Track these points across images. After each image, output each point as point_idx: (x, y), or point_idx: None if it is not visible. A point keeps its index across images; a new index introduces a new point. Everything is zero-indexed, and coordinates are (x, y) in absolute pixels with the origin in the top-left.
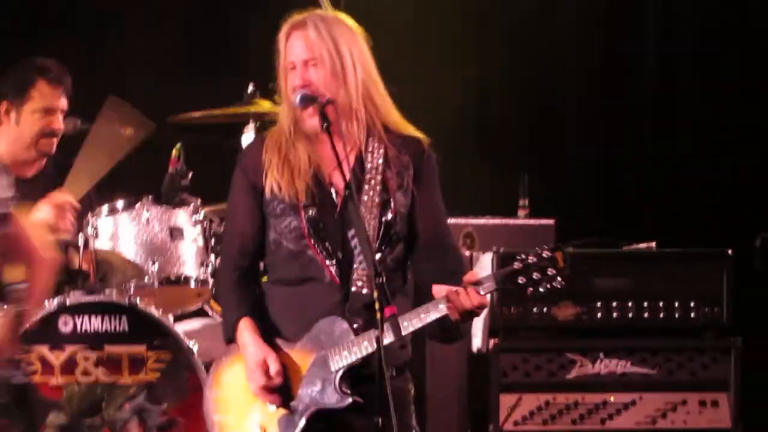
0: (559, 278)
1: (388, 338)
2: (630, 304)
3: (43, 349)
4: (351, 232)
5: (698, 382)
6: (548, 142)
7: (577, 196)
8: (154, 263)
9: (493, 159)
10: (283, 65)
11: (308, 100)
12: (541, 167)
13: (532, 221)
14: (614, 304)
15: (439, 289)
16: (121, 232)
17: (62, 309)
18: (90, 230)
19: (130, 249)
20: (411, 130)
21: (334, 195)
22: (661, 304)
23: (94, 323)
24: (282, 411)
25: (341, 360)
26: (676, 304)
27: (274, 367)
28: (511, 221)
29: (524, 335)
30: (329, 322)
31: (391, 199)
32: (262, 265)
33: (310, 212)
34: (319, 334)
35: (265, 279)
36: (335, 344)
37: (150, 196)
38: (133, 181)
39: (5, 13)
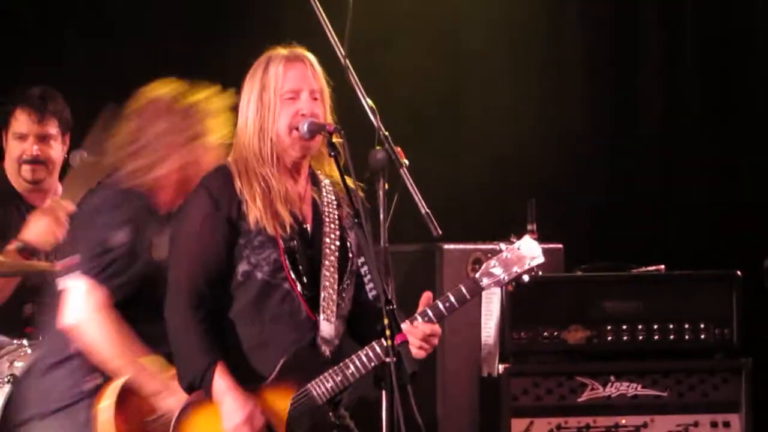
0: (536, 268)
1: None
2: (640, 326)
3: None
4: (325, 265)
5: (709, 404)
6: (556, 167)
7: (585, 220)
8: None
9: (501, 184)
10: (275, 93)
11: (317, 129)
12: (548, 192)
13: (540, 246)
14: (624, 326)
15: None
16: None
17: None
18: None
19: None
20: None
21: (307, 229)
22: (671, 326)
23: None
24: None
25: (328, 390)
26: (686, 326)
27: (259, 420)
28: None
29: (535, 359)
30: (303, 355)
31: (348, 237)
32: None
33: (291, 245)
34: (292, 370)
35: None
36: (315, 376)
37: None
38: None
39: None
